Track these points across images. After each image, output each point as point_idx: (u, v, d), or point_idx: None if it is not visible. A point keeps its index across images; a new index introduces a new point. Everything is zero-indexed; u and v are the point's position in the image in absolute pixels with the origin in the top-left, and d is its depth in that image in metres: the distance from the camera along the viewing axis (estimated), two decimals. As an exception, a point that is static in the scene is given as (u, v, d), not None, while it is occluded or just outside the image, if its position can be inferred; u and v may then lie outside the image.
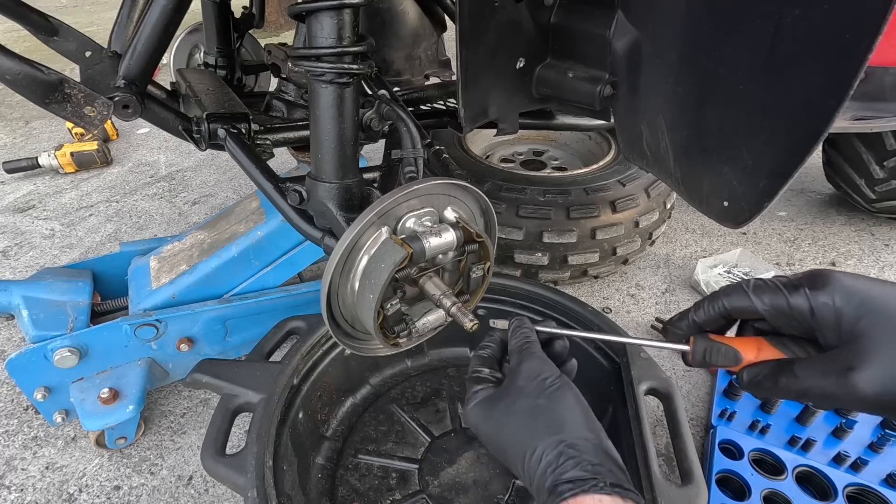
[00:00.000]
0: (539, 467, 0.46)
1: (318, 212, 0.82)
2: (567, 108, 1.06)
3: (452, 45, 0.88)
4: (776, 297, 0.43)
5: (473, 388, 0.58)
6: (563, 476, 0.44)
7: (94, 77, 0.98)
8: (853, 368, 0.37)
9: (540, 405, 0.50)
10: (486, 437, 0.53)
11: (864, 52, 0.47)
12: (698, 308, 0.50)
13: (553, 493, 0.43)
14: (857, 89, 0.49)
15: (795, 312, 0.41)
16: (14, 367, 1.08)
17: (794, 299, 0.42)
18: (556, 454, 0.45)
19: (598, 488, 0.42)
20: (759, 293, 0.44)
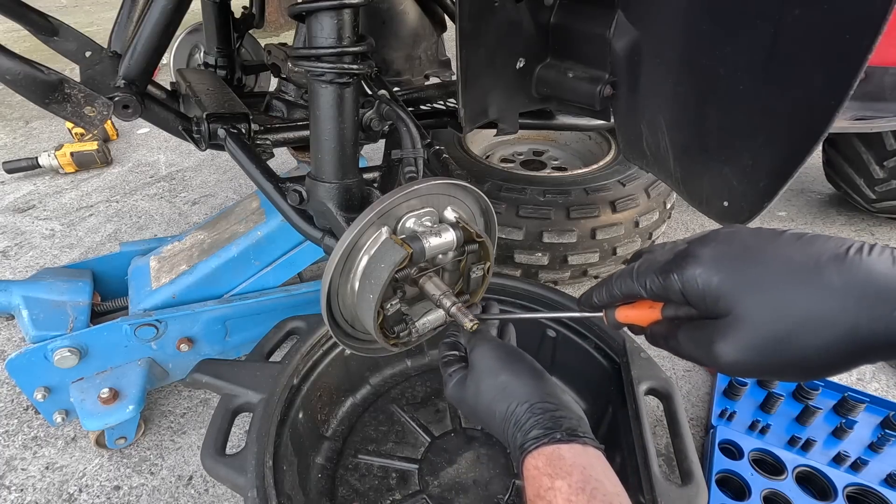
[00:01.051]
0: (510, 428, 0.54)
1: (318, 212, 0.82)
2: (567, 108, 1.06)
3: (452, 45, 0.88)
4: (654, 280, 0.45)
5: (448, 371, 0.65)
6: (528, 434, 0.52)
7: (94, 77, 0.98)
8: (713, 342, 0.41)
9: (502, 381, 0.58)
10: (466, 412, 0.62)
11: (864, 52, 0.47)
12: (601, 289, 0.54)
13: (521, 448, 0.52)
14: (857, 89, 0.49)
15: (671, 294, 0.44)
16: (14, 367, 1.08)
17: (666, 282, 0.44)
18: (525, 415, 0.53)
19: (556, 439, 0.50)
20: (642, 277, 0.47)
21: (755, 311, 0.38)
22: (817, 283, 0.36)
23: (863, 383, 1.34)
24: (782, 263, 0.38)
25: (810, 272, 0.36)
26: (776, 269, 0.38)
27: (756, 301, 0.38)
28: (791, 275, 0.37)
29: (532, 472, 0.50)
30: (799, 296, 0.36)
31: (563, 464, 0.49)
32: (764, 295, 0.38)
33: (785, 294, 0.37)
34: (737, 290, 0.39)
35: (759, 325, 0.38)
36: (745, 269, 0.40)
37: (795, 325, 0.36)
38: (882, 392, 1.32)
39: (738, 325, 0.39)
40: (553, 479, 0.48)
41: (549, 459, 0.49)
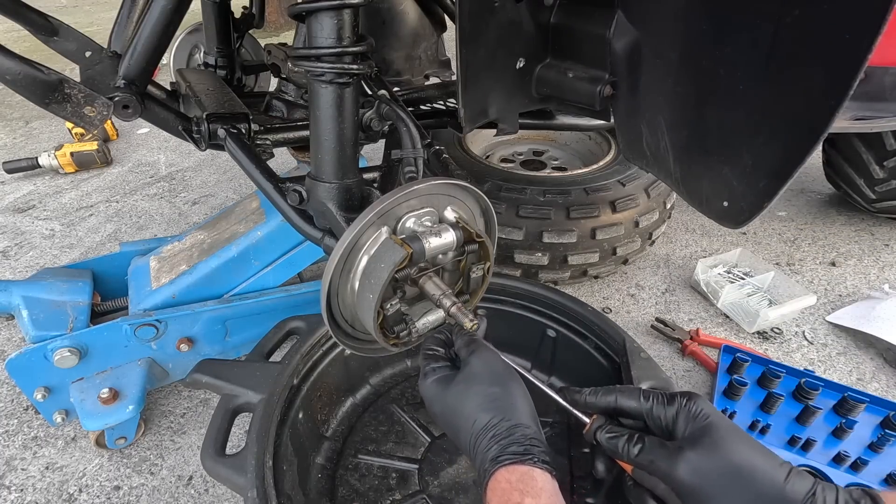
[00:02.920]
0: (485, 440, 0.56)
1: (318, 212, 0.82)
2: (567, 108, 1.06)
3: (452, 45, 0.88)
4: (644, 461, 0.57)
5: (431, 365, 0.65)
6: (507, 449, 0.54)
7: (94, 77, 0.98)
8: (680, 457, 0.53)
9: (494, 392, 0.59)
10: (440, 410, 0.62)
11: (864, 52, 0.47)
12: (601, 395, 0.64)
13: (495, 460, 0.54)
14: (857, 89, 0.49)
15: (657, 474, 0.56)
16: (14, 367, 1.08)
17: (654, 469, 0.56)
18: (507, 431, 0.56)
19: (533, 462, 0.53)
20: (636, 455, 0.57)
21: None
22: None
23: (863, 383, 1.34)
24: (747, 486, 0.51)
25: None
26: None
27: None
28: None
29: (503, 484, 0.52)
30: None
31: (535, 484, 0.52)
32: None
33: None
34: (711, 439, 0.53)
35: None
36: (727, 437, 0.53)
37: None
38: (882, 392, 1.32)
39: (700, 457, 0.53)
40: (523, 496, 0.50)
41: (521, 477, 0.52)
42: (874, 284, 1.69)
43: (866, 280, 1.71)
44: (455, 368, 0.65)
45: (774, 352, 1.45)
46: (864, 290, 1.67)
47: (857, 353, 1.44)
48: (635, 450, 0.56)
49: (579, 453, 1.08)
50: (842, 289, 1.68)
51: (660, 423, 0.58)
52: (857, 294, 1.65)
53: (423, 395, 0.65)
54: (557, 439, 1.10)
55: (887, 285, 1.66)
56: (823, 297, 1.64)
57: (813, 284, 1.70)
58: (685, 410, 0.56)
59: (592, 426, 0.61)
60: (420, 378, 0.66)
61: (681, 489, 0.53)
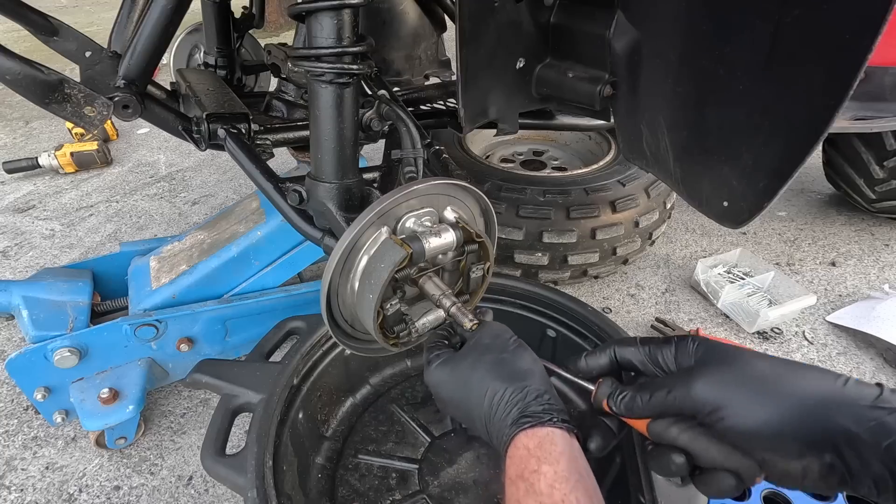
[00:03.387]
0: (502, 405, 0.54)
1: (318, 212, 0.82)
2: (567, 108, 1.06)
3: (452, 45, 0.88)
4: (657, 406, 0.53)
5: (434, 353, 0.64)
6: (526, 411, 0.53)
7: (94, 77, 0.98)
8: (694, 376, 0.49)
9: (505, 358, 0.58)
10: (449, 390, 0.60)
11: (864, 52, 0.47)
12: (598, 355, 0.60)
13: (516, 423, 0.52)
14: (857, 89, 0.49)
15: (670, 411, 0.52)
16: (14, 367, 1.08)
17: (667, 404, 0.52)
18: (522, 395, 0.54)
19: (553, 423, 0.52)
20: (647, 401, 0.54)
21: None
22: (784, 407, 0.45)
23: (863, 383, 1.34)
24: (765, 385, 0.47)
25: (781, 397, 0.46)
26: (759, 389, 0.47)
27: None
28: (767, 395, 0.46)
29: (521, 451, 0.50)
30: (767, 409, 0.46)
31: (554, 449, 0.50)
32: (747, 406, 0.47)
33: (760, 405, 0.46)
34: (716, 357, 0.51)
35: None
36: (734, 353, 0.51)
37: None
38: (882, 392, 1.32)
39: (710, 374, 0.50)
40: (540, 463, 0.49)
41: (540, 442, 0.50)
42: (874, 284, 1.69)
43: (866, 280, 1.71)
44: (458, 351, 0.64)
45: (774, 352, 1.45)
46: (864, 290, 1.67)
47: (857, 353, 1.44)
48: (647, 395, 0.52)
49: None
50: (842, 289, 1.68)
51: (663, 366, 0.55)
52: (857, 294, 1.65)
53: (429, 382, 0.63)
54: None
55: (887, 285, 1.66)
56: (823, 297, 1.64)
57: (813, 284, 1.70)
58: (684, 344, 0.54)
59: (598, 391, 0.57)
60: (424, 369, 0.64)
61: (704, 407, 0.48)
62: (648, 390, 0.52)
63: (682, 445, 0.50)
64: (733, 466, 0.47)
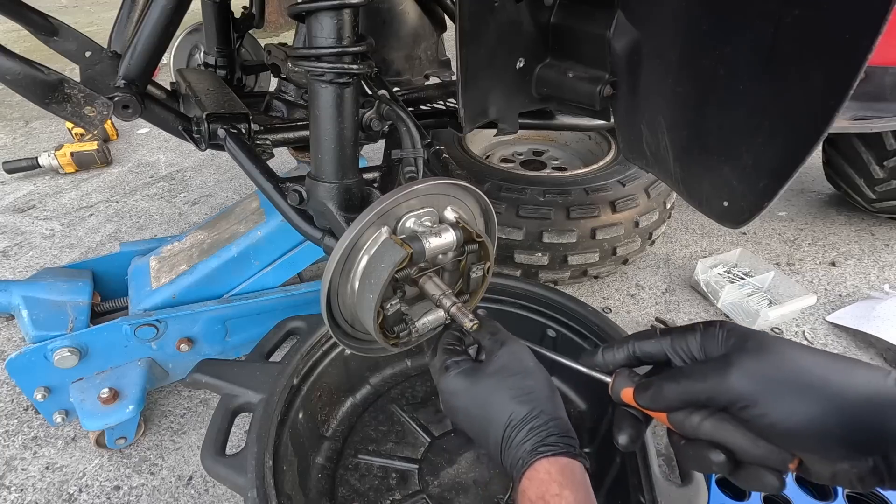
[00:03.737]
0: (523, 432, 0.55)
1: (318, 212, 0.82)
2: (567, 108, 1.06)
3: (452, 45, 0.88)
4: (689, 399, 0.50)
5: (452, 359, 0.63)
6: (548, 439, 0.53)
7: (94, 77, 0.98)
8: (730, 365, 0.46)
9: (528, 385, 0.58)
10: (465, 404, 0.60)
11: (864, 52, 0.47)
12: (619, 350, 0.59)
13: (535, 451, 0.53)
14: (857, 89, 0.49)
15: (701, 402, 0.49)
16: (14, 367, 1.08)
17: (699, 398, 0.49)
18: (545, 424, 0.55)
19: (571, 455, 0.53)
20: (677, 396, 0.51)
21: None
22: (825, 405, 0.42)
23: (863, 383, 1.34)
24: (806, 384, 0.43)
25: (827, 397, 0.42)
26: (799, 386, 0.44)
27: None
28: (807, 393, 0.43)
29: (543, 475, 0.51)
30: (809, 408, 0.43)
31: (575, 478, 0.51)
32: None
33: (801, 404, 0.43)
34: (750, 342, 0.47)
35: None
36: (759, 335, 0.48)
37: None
38: (882, 392, 1.32)
39: (747, 363, 0.46)
40: (562, 488, 0.50)
41: (562, 469, 0.51)
42: (874, 284, 1.69)
43: (866, 280, 1.71)
44: (475, 361, 0.64)
45: (774, 352, 1.45)
46: (864, 290, 1.67)
47: (857, 353, 1.44)
48: (674, 385, 0.49)
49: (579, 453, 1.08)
50: (842, 289, 1.68)
51: (688, 355, 0.52)
52: (857, 294, 1.65)
53: (443, 389, 0.62)
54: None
55: (887, 285, 1.66)
56: (823, 297, 1.64)
57: (813, 284, 1.70)
58: (711, 331, 0.50)
59: (615, 383, 0.56)
60: (440, 372, 0.63)
61: (739, 401, 0.45)
62: (676, 379, 0.50)
63: (709, 436, 0.48)
64: (767, 457, 0.45)
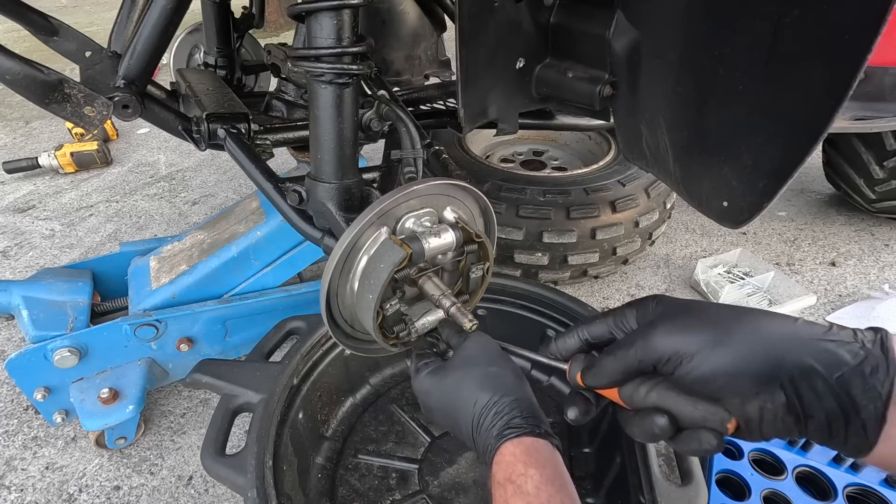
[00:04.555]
0: (488, 417, 0.56)
1: (318, 212, 0.82)
2: (567, 108, 1.06)
3: (452, 45, 0.88)
4: (626, 367, 0.53)
5: (423, 361, 0.65)
6: (512, 422, 0.54)
7: (93, 77, 0.98)
8: (654, 328, 0.50)
9: (492, 371, 0.60)
10: (436, 400, 0.62)
11: (864, 52, 0.47)
12: (568, 338, 0.61)
13: (500, 434, 0.54)
14: (857, 89, 0.49)
15: (636, 369, 0.53)
16: (14, 367, 1.08)
17: (630, 363, 0.52)
18: (508, 407, 0.56)
19: (536, 434, 0.54)
20: (618, 369, 0.54)
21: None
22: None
23: (863, 383, 1.34)
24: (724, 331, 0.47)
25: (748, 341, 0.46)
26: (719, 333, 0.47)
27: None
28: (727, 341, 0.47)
29: (508, 457, 0.52)
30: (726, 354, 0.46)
31: (539, 456, 0.52)
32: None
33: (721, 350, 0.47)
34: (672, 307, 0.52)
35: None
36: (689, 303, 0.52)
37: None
38: (882, 392, 1.32)
39: (669, 321, 0.50)
40: (527, 467, 0.50)
41: (527, 449, 0.52)
42: (874, 284, 1.69)
43: (866, 280, 1.71)
44: (445, 361, 0.65)
45: (774, 352, 1.45)
46: (864, 290, 1.66)
47: (857, 353, 1.43)
48: (612, 357, 0.53)
49: (579, 453, 1.08)
50: (842, 289, 1.67)
51: (628, 331, 0.56)
52: (857, 294, 1.65)
53: (417, 390, 0.64)
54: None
55: (887, 285, 1.66)
56: (823, 297, 1.64)
57: (813, 284, 1.70)
58: (644, 304, 0.55)
59: (571, 368, 0.59)
60: (412, 376, 0.65)
61: (662, 359, 0.49)
62: (612, 352, 0.54)
63: (654, 403, 0.51)
64: (705, 418, 0.48)
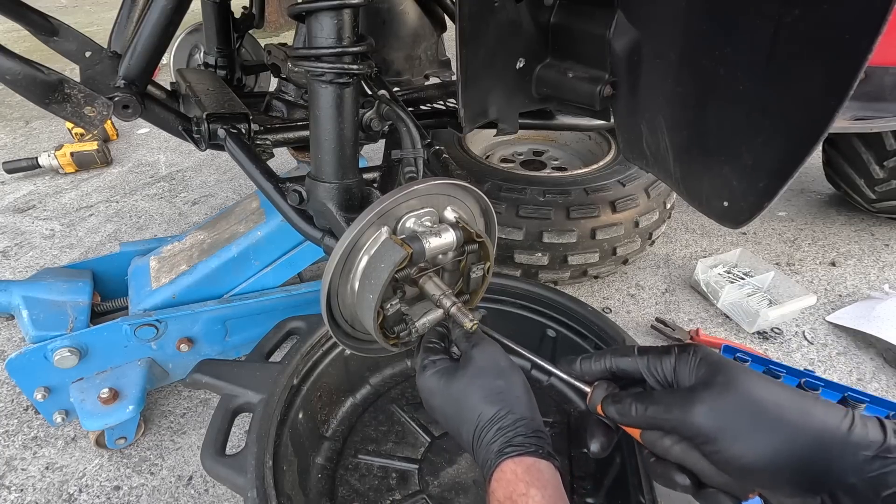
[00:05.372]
0: (491, 432, 0.55)
1: (318, 212, 0.82)
2: (567, 108, 1.06)
3: (452, 45, 0.88)
4: (657, 420, 0.52)
5: (430, 358, 0.64)
6: (514, 439, 0.54)
7: (94, 77, 0.98)
8: (693, 401, 0.48)
9: (499, 385, 0.59)
10: (440, 403, 0.61)
11: (864, 52, 0.47)
12: (597, 361, 0.60)
13: (501, 452, 0.53)
14: (857, 89, 0.49)
15: (666, 428, 0.52)
16: (14, 367, 1.08)
17: (664, 422, 0.51)
18: (512, 423, 0.55)
19: (538, 454, 0.53)
20: (646, 412, 0.53)
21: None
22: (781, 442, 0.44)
23: (863, 383, 1.34)
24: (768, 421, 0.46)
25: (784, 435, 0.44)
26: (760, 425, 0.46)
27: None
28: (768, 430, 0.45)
29: (509, 475, 0.51)
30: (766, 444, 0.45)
31: (541, 476, 0.51)
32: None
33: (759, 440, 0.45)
34: (719, 375, 0.49)
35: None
36: (730, 364, 0.50)
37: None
38: (882, 392, 1.32)
39: (713, 397, 0.48)
40: (529, 487, 0.50)
41: (528, 469, 0.51)
42: (874, 284, 1.69)
43: (866, 280, 1.71)
44: (453, 361, 0.64)
45: (774, 352, 1.45)
46: (864, 290, 1.67)
47: (857, 353, 1.44)
48: (643, 407, 0.51)
49: (579, 453, 1.08)
50: (842, 289, 1.68)
51: (661, 378, 0.54)
52: (857, 294, 1.65)
53: (421, 387, 0.63)
54: (557, 439, 1.10)
55: (887, 285, 1.66)
56: (823, 297, 1.64)
57: (813, 284, 1.70)
58: (685, 357, 0.53)
59: (594, 394, 0.58)
60: (418, 371, 0.65)
61: (699, 436, 0.47)
62: (645, 403, 0.52)
63: (678, 459, 0.51)
64: (733, 491, 0.49)
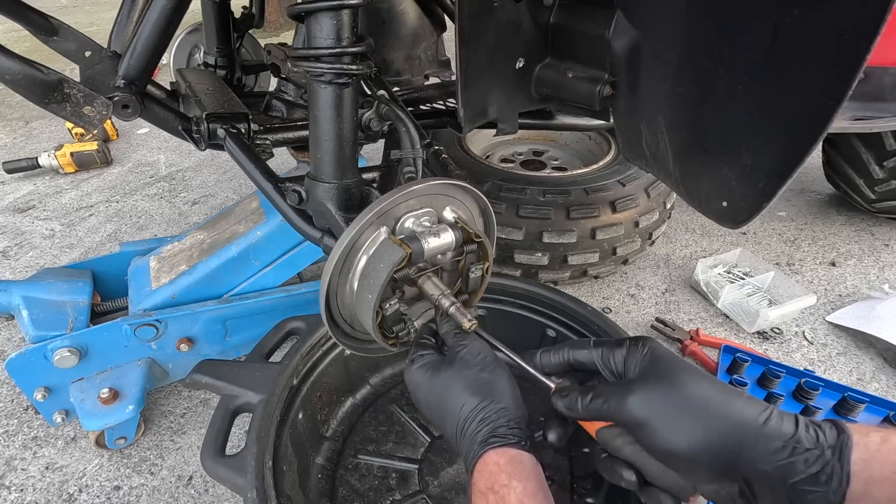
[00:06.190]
0: (474, 423, 0.56)
1: (318, 212, 0.82)
2: (567, 108, 1.06)
3: (452, 45, 0.88)
4: (597, 411, 0.54)
5: (420, 352, 0.66)
6: (497, 430, 0.54)
7: (93, 77, 0.98)
8: (630, 391, 0.51)
9: (483, 378, 0.60)
10: (425, 396, 0.63)
11: (864, 52, 0.47)
12: (557, 353, 0.62)
13: (485, 442, 0.54)
14: (856, 89, 0.49)
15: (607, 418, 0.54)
16: (14, 367, 1.08)
17: (604, 414, 0.53)
18: (496, 415, 0.56)
19: (521, 446, 0.54)
20: (592, 405, 0.55)
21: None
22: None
23: (863, 383, 1.34)
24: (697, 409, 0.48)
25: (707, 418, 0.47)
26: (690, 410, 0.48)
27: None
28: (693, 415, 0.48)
29: (491, 466, 0.52)
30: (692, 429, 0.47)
31: (523, 468, 0.52)
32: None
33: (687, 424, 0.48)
34: (657, 368, 0.52)
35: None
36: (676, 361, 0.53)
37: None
38: (882, 392, 1.32)
39: (647, 388, 0.51)
40: (511, 478, 0.50)
41: (510, 460, 0.52)
42: (874, 284, 1.69)
43: (866, 280, 1.71)
44: (441, 356, 0.65)
45: (774, 352, 1.45)
46: (864, 290, 1.66)
47: (857, 353, 1.43)
48: (587, 399, 0.54)
49: (579, 453, 1.08)
50: (842, 289, 1.67)
51: (613, 369, 0.57)
52: (857, 294, 1.65)
53: (408, 381, 0.64)
54: (557, 439, 1.09)
55: (887, 285, 1.66)
56: (823, 297, 1.64)
57: (813, 284, 1.70)
58: (633, 350, 0.55)
59: (554, 392, 0.59)
60: (406, 365, 0.66)
61: (631, 423, 0.50)
62: (588, 395, 0.54)
63: (627, 458, 0.53)
64: (670, 485, 0.50)
